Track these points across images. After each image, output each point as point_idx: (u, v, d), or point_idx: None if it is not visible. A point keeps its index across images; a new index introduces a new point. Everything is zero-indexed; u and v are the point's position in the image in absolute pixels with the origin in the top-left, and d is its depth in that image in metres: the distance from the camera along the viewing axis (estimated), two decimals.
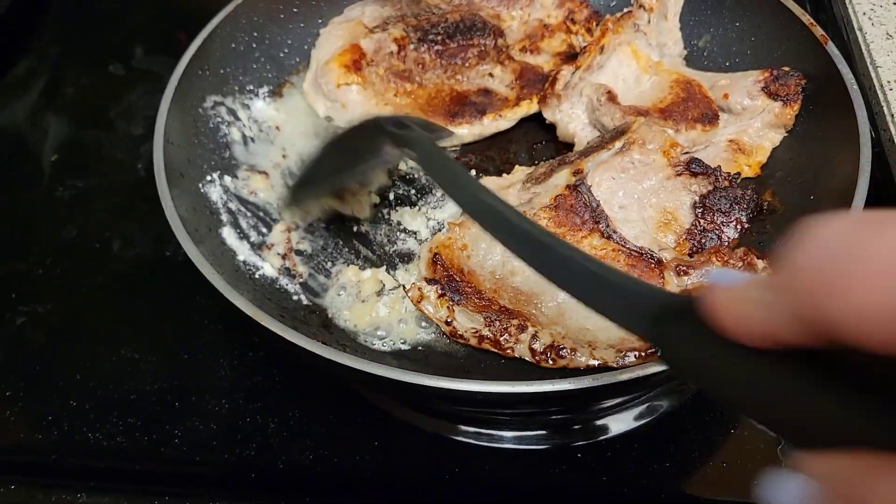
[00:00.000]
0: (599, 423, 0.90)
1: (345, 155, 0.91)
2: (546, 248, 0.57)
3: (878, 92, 1.01)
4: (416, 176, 1.05)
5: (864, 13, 1.14)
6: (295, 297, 0.92)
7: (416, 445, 0.88)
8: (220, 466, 0.86)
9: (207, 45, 1.05)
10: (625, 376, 0.71)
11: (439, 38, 1.14)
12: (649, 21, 1.08)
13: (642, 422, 0.90)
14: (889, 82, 1.03)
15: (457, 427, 0.89)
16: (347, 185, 0.98)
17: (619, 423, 0.90)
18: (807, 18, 1.01)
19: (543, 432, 0.89)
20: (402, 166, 1.05)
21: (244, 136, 1.07)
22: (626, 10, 1.09)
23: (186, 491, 0.84)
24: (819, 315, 0.31)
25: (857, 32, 1.11)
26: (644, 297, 0.47)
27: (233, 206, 1.00)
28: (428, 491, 0.85)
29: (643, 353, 0.82)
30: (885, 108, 1.00)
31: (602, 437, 0.89)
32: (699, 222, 0.92)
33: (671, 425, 0.90)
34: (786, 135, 1.01)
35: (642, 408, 0.91)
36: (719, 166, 0.93)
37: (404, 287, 0.89)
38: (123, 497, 0.83)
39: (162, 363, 0.94)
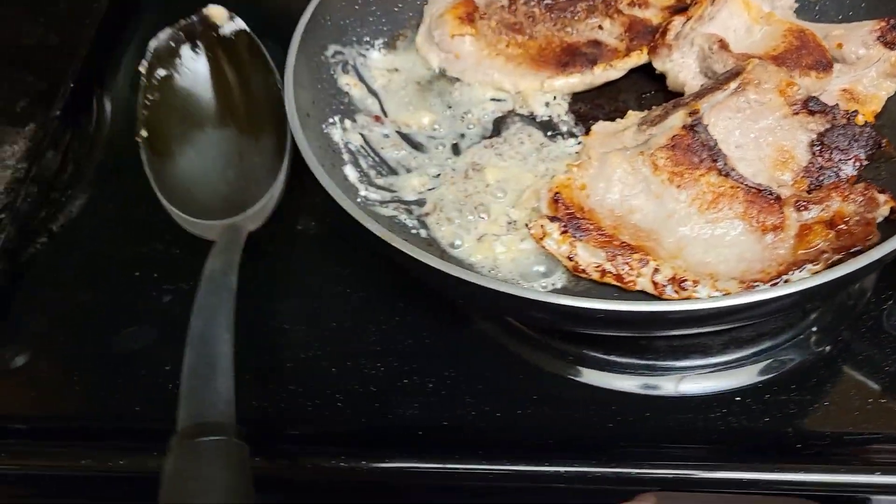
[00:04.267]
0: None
1: None
2: None
3: None
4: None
5: None
6: (413, 232, 0.96)
7: (573, 397, 0.90)
8: (384, 427, 0.89)
9: None
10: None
11: None
12: None
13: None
14: None
15: (612, 377, 0.91)
16: None
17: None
18: None
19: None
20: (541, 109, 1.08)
21: (361, 83, 1.12)
22: None
23: (357, 451, 0.86)
24: None
25: None
26: None
27: (353, 147, 1.04)
28: (591, 437, 0.87)
29: (766, 285, 0.84)
30: None
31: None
32: (816, 160, 0.92)
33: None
34: None
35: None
36: (837, 104, 0.93)
37: (527, 225, 0.91)
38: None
39: (312, 332, 0.96)
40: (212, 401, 0.74)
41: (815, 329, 0.92)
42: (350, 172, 1.00)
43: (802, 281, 0.74)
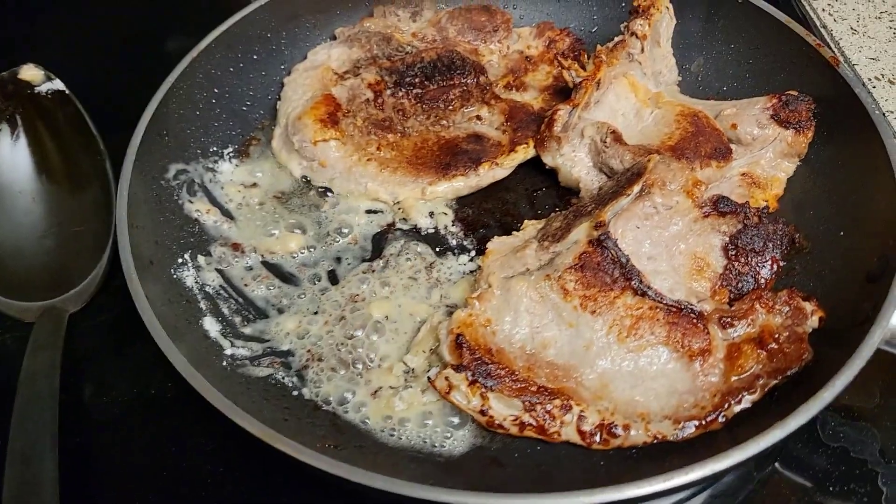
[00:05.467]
0: None
1: None
2: None
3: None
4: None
5: (823, 9, 1.11)
6: (294, 393, 0.81)
7: None
8: None
9: (164, 106, 0.94)
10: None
11: (417, 80, 1.04)
12: (643, 49, 1.01)
13: None
14: (870, 80, 0.99)
15: None
16: None
17: None
18: (813, 39, 0.96)
19: None
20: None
21: (213, 206, 0.95)
22: (617, 39, 1.02)
23: None
24: None
25: (822, 30, 1.08)
26: None
27: (211, 289, 0.88)
28: None
29: (703, 422, 0.75)
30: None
31: None
32: (733, 265, 0.85)
33: None
34: (799, 164, 0.96)
35: None
36: (747, 202, 0.86)
37: (429, 378, 0.78)
38: None
39: None
40: None
41: None
42: (210, 326, 0.84)
43: (757, 440, 0.65)
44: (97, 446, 0.85)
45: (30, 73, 1.02)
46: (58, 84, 1.02)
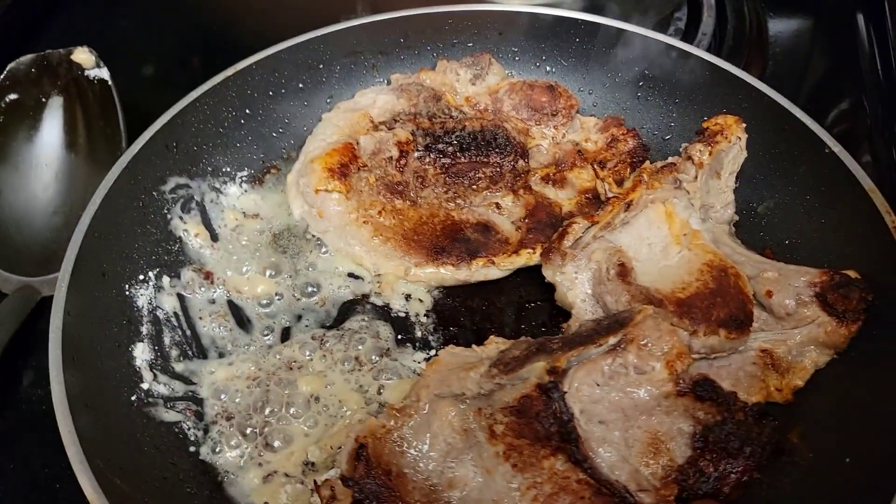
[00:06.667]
0: None
1: None
2: None
3: None
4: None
5: None
6: (192, 449, 0.77)
7: None
8: None
9: (180, 118, 0.92)
10: None
11: (450, 148, 0.98)
12: (696, 177, 0.89)
13: None
14: None
15: None
16: None
17: None
18: (892, 220, 0.80)
19: None
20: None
21: (203, 229, 0.93)
22: (669, 159, 0.90)
23: None
24: None
25: None
26: None
27: (162, 314, 0.86)
28: None
29: None
30: None
31: None
32: (696, 461, 0.72)
33: None
34: (835, 357, 0.81)
35: None
36: (734, 393, 0.73)
37: (315, 482, 0.72)
38: None
39: None
40: None
41: None
42: (140, 353, 0.82)
43: None
44: (17, 437, 0.85)
45: (83, 55, 1.04)
46: (104, 73, 1.05)
